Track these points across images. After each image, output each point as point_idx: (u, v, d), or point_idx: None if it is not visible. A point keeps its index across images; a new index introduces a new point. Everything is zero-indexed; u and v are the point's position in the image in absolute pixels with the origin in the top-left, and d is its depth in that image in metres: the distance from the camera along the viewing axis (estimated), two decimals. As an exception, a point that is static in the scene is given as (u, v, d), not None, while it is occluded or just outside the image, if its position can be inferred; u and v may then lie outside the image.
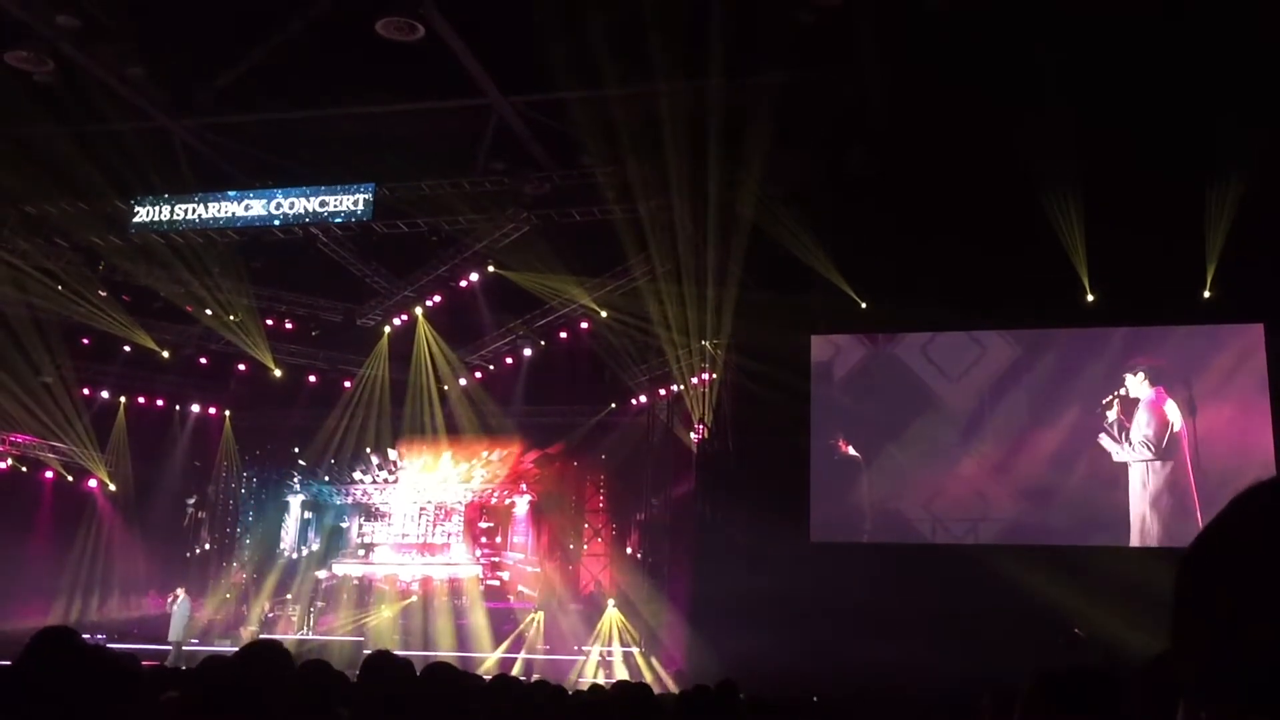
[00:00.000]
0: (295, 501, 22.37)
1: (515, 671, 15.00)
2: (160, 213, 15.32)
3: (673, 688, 13.43)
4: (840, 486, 16.28)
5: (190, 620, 17.92)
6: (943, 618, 13.73)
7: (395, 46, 12.14)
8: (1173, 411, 15.26)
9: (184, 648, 16.99)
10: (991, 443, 15.92)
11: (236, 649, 3.51)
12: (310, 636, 18.81)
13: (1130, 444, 15.32)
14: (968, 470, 15.90)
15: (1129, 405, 15.41)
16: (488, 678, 6.07)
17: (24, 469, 19.89)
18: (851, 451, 16.29)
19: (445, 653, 17.68)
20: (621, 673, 15.63)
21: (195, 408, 21.79)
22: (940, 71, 11.42)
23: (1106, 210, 13.22)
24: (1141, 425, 15.34)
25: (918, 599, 14.16)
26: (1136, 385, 15.43)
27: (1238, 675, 0.81)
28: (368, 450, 21.41)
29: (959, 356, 16.21)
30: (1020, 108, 11.78)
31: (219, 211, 15.23)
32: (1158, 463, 15.18)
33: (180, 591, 17.91)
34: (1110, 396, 15.44)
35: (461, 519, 21.09)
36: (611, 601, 17.64)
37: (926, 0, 10.41)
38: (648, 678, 15.07)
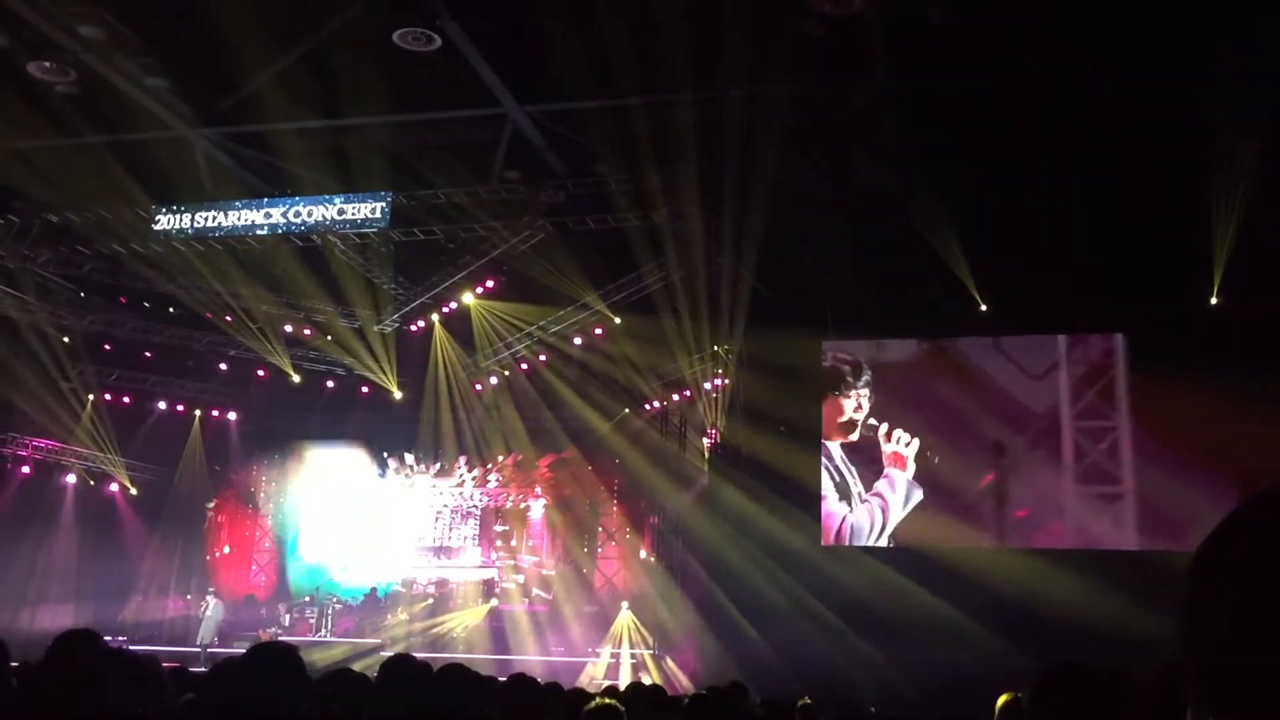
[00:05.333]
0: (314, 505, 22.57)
1: (529, 674, 15.07)
2: (181, 221, 15.51)
3: (686, 689, 13.50)
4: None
5: (218, 625, 18.43)
6: (955, 620, 13.74)
7: (413, 57, 12.32)
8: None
9: (209, 650, 17.31)
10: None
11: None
12: (329, 639, 18.98)
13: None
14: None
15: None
16: (503, 679, 6.15)
17: (47, 474, 20.12)
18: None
19: (460, 655, 17.80)
20: (635, 675, 15.72)
21: (215, 412, 22.03)
22: (944, 81, 11.47)
23: (1107, 212, 13.20)
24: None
25: (931, 601, 14.17)
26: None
27: (1244, 683, 0.81)
28: (385, 455, 21.61)
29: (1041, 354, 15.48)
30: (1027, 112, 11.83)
31: (239, 219, 15.40)
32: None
33: (211, 596, 18.47)
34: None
35: (477, 522, 21.24)
36: (625, 604, 17.74)
37: (928, 13, 10.49)
38: (661, 680, 15.15)
